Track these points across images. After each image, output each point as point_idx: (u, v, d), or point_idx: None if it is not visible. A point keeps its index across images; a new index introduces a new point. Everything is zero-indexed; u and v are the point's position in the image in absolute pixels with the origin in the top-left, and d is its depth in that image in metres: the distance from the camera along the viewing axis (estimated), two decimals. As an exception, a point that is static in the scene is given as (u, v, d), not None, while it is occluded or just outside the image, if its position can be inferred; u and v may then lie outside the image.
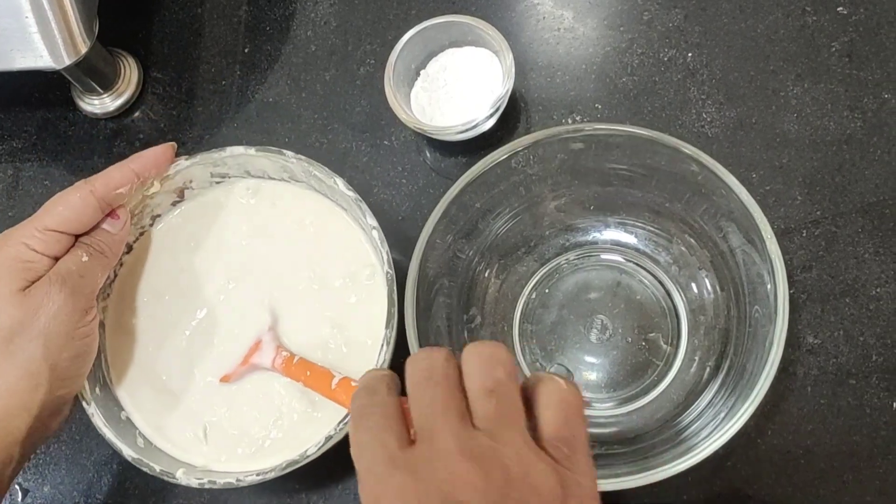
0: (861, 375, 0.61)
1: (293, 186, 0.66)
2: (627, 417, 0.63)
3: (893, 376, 0.61)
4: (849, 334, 0.62)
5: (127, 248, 0.65)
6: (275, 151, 0.62)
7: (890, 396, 0.61)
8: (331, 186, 0.61)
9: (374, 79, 0.74)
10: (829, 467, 0.60)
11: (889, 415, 0.60)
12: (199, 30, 0.79)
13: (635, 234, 0.66)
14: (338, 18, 0.77)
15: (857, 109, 0.67)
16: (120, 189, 0.59)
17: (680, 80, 0.70)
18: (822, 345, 0.62)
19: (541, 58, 0.72)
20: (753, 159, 0.67)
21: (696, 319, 0.63)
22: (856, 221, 0.64)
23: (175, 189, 0.65)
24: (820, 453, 0.60)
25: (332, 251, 0.64)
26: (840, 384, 0.62)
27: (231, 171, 0.65)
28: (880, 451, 0.60)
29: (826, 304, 0.63)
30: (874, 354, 0.62)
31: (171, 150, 0.62)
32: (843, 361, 0.62)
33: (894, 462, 0.60)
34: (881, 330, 0.62)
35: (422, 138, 0.72)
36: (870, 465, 0.60)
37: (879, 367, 0.61)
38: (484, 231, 0.64)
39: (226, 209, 0.66)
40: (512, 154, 0.60)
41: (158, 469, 0.58)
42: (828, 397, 0.61)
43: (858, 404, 0.61)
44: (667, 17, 0.72)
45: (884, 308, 0.62)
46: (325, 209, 0.65)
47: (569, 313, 0.66)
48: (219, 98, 0.77)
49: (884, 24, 0.68)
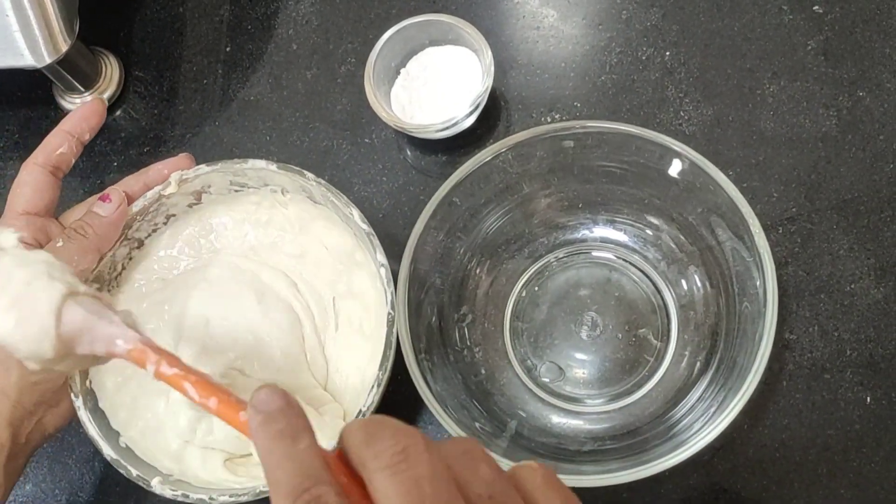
0: (836, 370, 0.62)
1: (310, 207, 0.65)
2: (619, 413, 0.63)
3: (867, 371, 0.62)
4: (824, 330, 0.63)
5: (138, 242, 0.65)
6: (296, 171, 0.61)
7: (864, 391, 0.61)
8: (346, 215, 0.61)
9: (354, 77, 0.74)
10: (804, 460, 0.61)
11: (863, 409, 0.61)
12: (181, 28, 0.79)
13: (624, 230, 0.66)
14: (319, 17, 0.77)
15: (833, 107, 0.67)
16: (59, 149, 0.60)
17: (658, 79, 0.70)
18: (797, 340, 0.63)
19: (521, 56, 0.73)
20: (730, 157, 0.67)
21: (686, 315, 0.64)
22: (831, 218, 0.65)
23: (193, 192, 0.64)
24: (795, 447, 0.61)
25: (333, 278, 0.65)
26: (815, 379, 0.62)
27: (250, 182, 0.64)
28: (854, 445, 0.61)
29: (801, 300, 0.64)
30: (848, 349, 0.62)
31: (100, 104, 0.62)
32: (818, 356, 0.63)
33: (868, 455, 0.60)
34: (855, 325, 0.63)
35: (402, 136, 0.72)
36: (844, 458, 0.60)
37: (853, 361, 0.62)
38: (474, 229, 0.65)
39: (236, 219, 0.67)
40: (501, 152, 0.61)
41: (135, 473, 0.57)
42: (803, 392, 0.62)
43: (833, 399, 0.62)
44: (645, 16, 0.72)
45: (858, 304, 0.63)
46: (340, 236, 0.65)
47: (559, 310, 0.66)
48: (200, 97, 0.77)
49: (859, 22, 0.69)
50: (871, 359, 0.62)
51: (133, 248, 0.64)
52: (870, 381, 0.62)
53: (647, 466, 0.52)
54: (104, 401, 0.61)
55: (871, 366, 0.62)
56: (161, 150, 0.76)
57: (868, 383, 0.62)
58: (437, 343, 0.62)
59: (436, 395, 0.56)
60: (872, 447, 0.60)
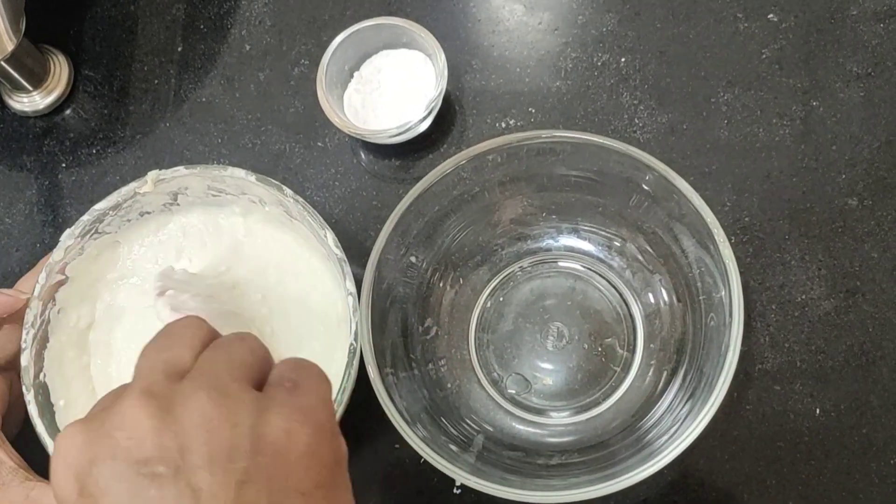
0: (785, 381, 0.62)
1: (283, 220, 0.64)
2: (586, 425, 0.62)
3: (817, 383, 0.62)
4: (774, 340, 0.63)
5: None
6: (274, 185, 0.60)
7: (813, 402, 0.61)
8: (321, 238, 0.60)
9: (308, 80, 0.73)
10: (753, 472, 0.61)
11: (812, 420, 0.61)
12: (132, 27, 0.78)
13: (589, 239, 0.66)
14: (273, 17, 0.76)
15: (786, 116, 0.67)
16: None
17: (613, 85, 0.70)
18: (748, 351, 0.63)
19: (476, 60, 0.72)
20: (684, 165, 0.67)
21: (652, 324, 0.63)
22: (783, 228, 0.65)
23: (169, 192, 0.64)
24: (744, 458, 0.61)
25: (301, 296, 0.64)
26: (765, 390, 0.62)
27: (228, 189, 0.63)
28: (803, 457, 0.61)
29: (752, 311, 0.64)
30: (798, 361, 0.62)
31: (18, 302, 0.61)
32: (769, 368, 0.62)
33: (816, 468, 0.60)
34: (805, 336, 0.63)
35: (356, 140, 0.71)
36: (793, 470, 0.60)
37: (803, 373, 0.62)
38: (437, 241, 0.64)
39: (211, 224, 0.66)
40: (462, 163, 0.60)
41: None
42: (753, 403, 0.62)
43: (783, 410, 0.62)
44: (601, 22, 0.72)
45: (809, 314, 0.63)
46: (306, 252, 0.65)
47: (524, 321, 0.66)
48: (151, 97, 0.76)
49: (813, 31, 0.69)
50: (821, 370, 0.62)
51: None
52: (819, 393, 0.62)
53: (616, 481, 0.51)
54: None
55: (820, 377, 0.62)
56: (110, 151, 0.74)
57: (818, 395, 0.62)
58: (402, 357, 0.61)
59: (400, 412, 0.54)
60: (821, 459, 0.60)
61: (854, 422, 0.61)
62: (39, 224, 0.73)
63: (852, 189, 0.65)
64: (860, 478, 0.60)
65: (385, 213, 0.60)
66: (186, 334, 0.40)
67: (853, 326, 0.63)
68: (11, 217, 0.74)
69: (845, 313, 0.63)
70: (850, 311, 0.63)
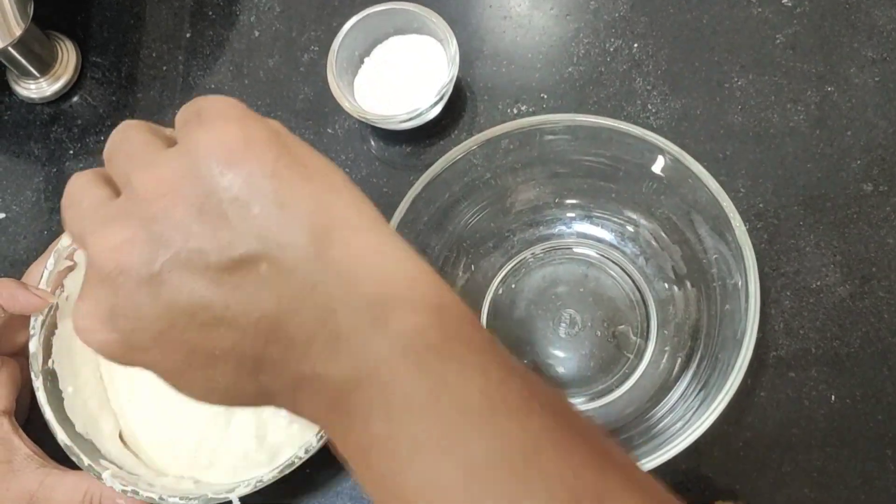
0: (800, 368, 0.62)
1: None
2: (599, 412, 0.62)
3: (832, 369, 0.61)
4: (789, 327, 0.62)
5: None
6: None
7: (828, 389, 0.61)
8: None
9: (317, 66, 0.73)
10: (769, 459, 0.60)
11: (827, 407, 0.61)
12: (140, 13, 0.77)
13: (602, 225, 0.65)
14: (282, 4, 0.76)
15: (801, 102, 0.67)
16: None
17: (625, 71, 0.69)
18: (762, 338, 0.62)
19: (487, 46, 0.72)
20: (697, 151, 0.66)
21: (666, 311, 0.63)
22: (797, 214, 0.64)
23: None
24: (759, 445, 0.61)
25: None
26: (780, 377, 0.62)
27: None
28: (818, 444, 0.60)
29: (767, 297, 0.63)
30: (813, 348, 0.62)
31: (45, 304, 0.61)
32: (783, 354, 0.62)
33: (832, 454, 0.60)
34: (820, 323, 0.62)
35: (366, 126, 0.71)
36: (807, 457, 0.60)
37: (818, 359, 0.62)
38: (450, 226, 0.63)
39: None
40: (473, 148, 0.59)
41: (87, 462, 0.56)
42: (767, 390, 0.62)
43: (798, 397, 0.61)
44: (613, 7, 0.71)
45: (823, 301, 0.63)
46: None
47: (537, 308, 0.65)
48: (160, 84, 0.75)
49: (827, 16, 0.68)
50: (836, 357, 0.61)
51: None
52: (834, 380, 0.61)
53: None
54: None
55: (835, 364, 0.61)
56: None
57: (833, 382, 0.61)
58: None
59: None
60: (836, 446, 0.60)
61: (869, 409, 0.60)
62: (47, 211, 0.73)
63: (867, 175, 0.65)
64: (875, 465, 0.60)
65: (396, 199, 0.59)
66: (84, 178, 0.40)
67: (868, 313, 0.62)
68: (19, 204, 0.73)
69: (860, 300, 0.62)
70: (866, 297, 0.62)
